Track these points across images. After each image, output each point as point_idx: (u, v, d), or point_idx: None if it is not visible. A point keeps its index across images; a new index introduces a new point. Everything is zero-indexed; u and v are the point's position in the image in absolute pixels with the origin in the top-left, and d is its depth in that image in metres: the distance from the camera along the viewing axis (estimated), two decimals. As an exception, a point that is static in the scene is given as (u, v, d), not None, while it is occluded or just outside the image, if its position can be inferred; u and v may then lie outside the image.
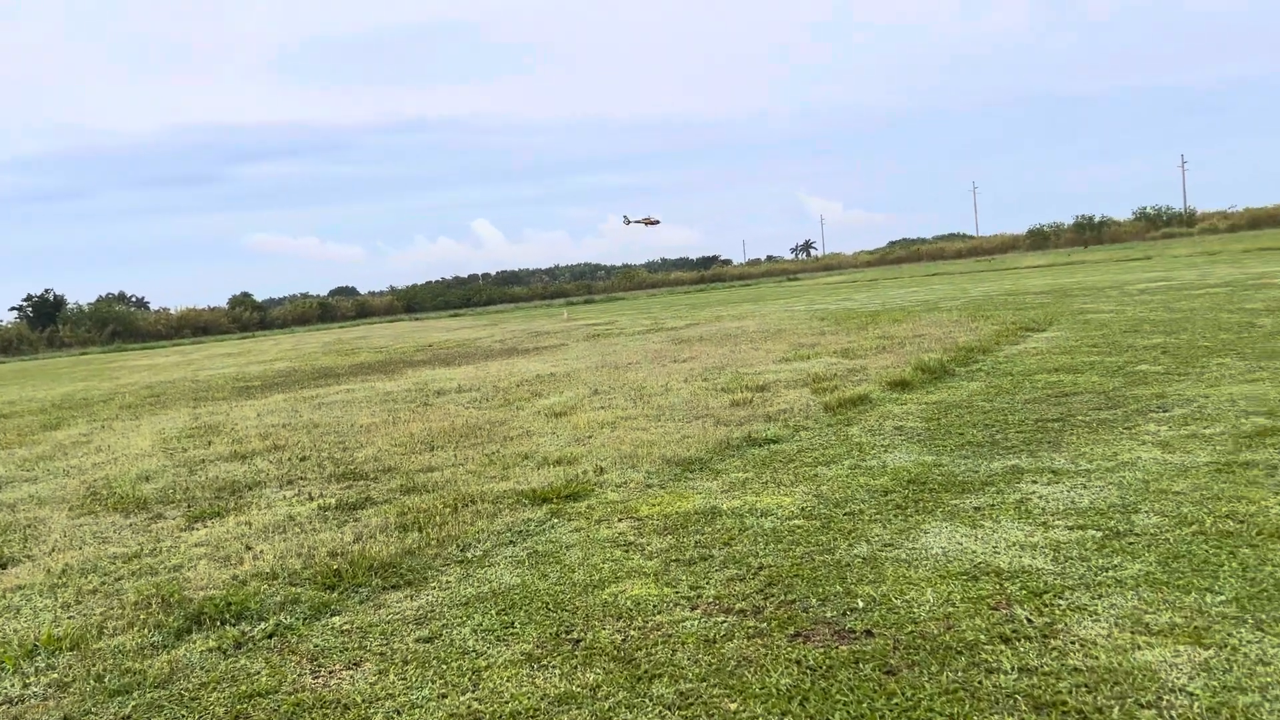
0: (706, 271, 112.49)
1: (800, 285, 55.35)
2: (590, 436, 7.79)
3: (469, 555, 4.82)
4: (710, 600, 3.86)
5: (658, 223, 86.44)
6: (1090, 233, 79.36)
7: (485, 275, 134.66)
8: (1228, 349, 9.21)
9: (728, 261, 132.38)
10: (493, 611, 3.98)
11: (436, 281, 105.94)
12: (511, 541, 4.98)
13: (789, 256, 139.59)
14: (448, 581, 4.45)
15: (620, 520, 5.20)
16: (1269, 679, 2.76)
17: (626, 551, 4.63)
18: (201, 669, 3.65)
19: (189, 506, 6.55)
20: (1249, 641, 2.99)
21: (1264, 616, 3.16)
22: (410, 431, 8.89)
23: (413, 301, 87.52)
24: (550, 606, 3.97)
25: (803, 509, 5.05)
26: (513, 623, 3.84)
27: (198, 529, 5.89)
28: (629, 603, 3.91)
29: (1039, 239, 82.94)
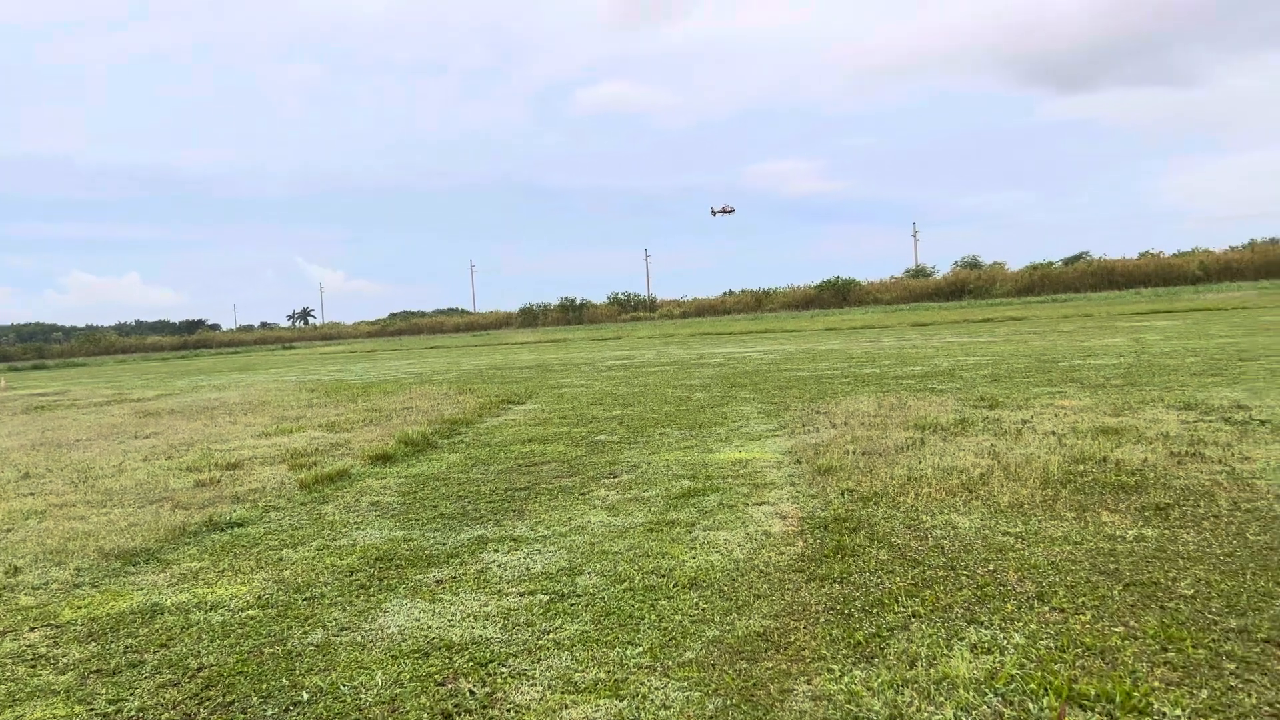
0: (191, 337, 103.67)
1: (295, 354, 53.15)
2: (9, 530, 6.58)
3: None
4: (133, 714, 3.39)
5: (733, 211, 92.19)
6: (573, 313, 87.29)
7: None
8: (669, 420, 10.56)
9: (216, 327, 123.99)
10: None
11: None
12: None
13: (286, 324, 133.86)
14: None
15: (32, 630, 4.40)
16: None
17: (34, 667, 3.92)
18: None
19: None
20: (656, 688, 3.35)
21: (670, 663, 3.57)
22: None
23: None
24: (-89, 751, 3.20)
25: (259, 598, 4.71)
26: None
27: None
28: (25, 731, 3.29)
29: (530, 317, 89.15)
